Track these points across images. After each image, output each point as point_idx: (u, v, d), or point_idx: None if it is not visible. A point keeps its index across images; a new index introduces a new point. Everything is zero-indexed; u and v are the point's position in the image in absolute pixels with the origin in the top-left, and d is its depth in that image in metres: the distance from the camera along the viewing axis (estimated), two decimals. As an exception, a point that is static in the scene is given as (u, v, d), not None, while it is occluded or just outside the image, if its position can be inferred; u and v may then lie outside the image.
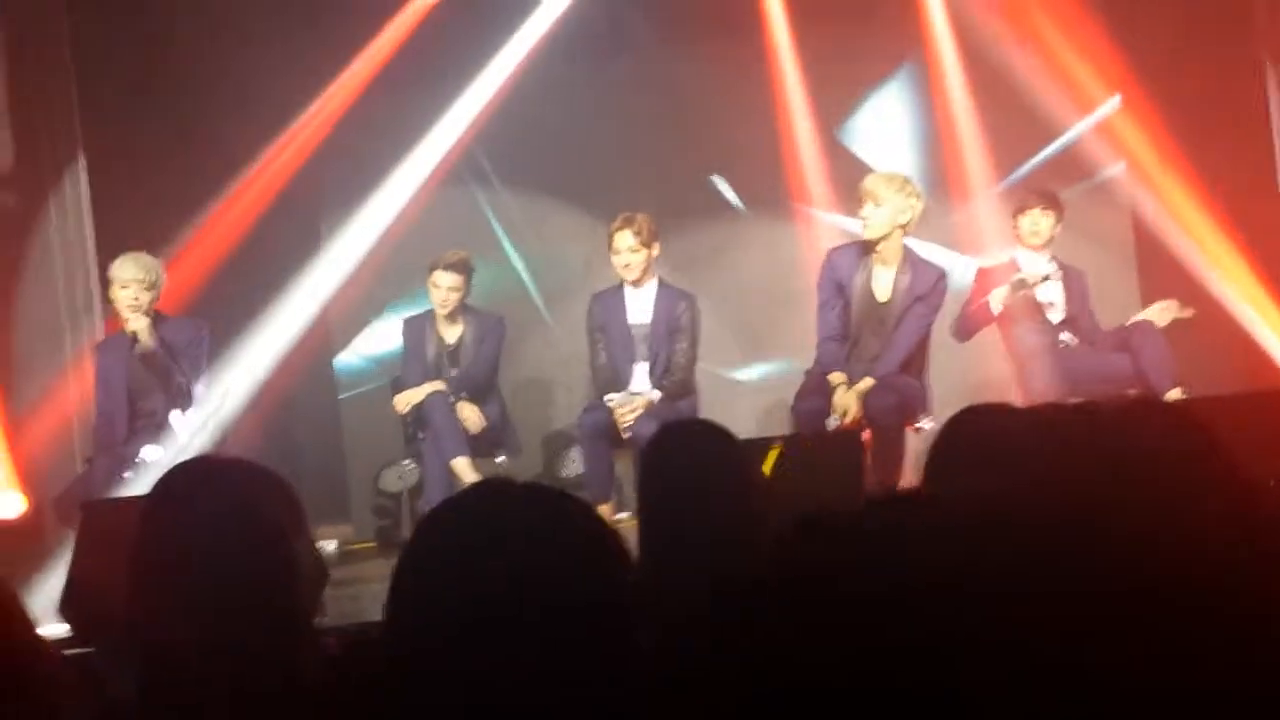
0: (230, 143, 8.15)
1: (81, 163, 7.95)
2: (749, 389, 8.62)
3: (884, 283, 6.88)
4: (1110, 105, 8.00)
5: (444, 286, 7.49)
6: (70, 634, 4.28)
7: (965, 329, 7.11)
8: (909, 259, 6.88)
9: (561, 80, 8.45)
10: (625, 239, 7.17)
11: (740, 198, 8.86)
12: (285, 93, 8.20)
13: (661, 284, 7.33)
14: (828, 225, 8.26)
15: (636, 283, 7.27)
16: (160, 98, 8.08)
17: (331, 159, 8.42)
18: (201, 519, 2.25)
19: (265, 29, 8.17)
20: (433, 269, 7.51)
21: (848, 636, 1.21)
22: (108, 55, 8.02)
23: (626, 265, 7.20)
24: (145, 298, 6.82)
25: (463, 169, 8.80)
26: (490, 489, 1.68)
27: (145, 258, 6.90)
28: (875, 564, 1.24)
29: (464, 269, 7.51)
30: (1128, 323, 7.02)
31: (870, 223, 6.79)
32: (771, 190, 8.57)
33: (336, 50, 8.30)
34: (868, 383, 6.66)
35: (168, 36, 8.19)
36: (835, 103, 8.62)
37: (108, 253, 7.34)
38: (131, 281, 6.80)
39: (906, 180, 6.86)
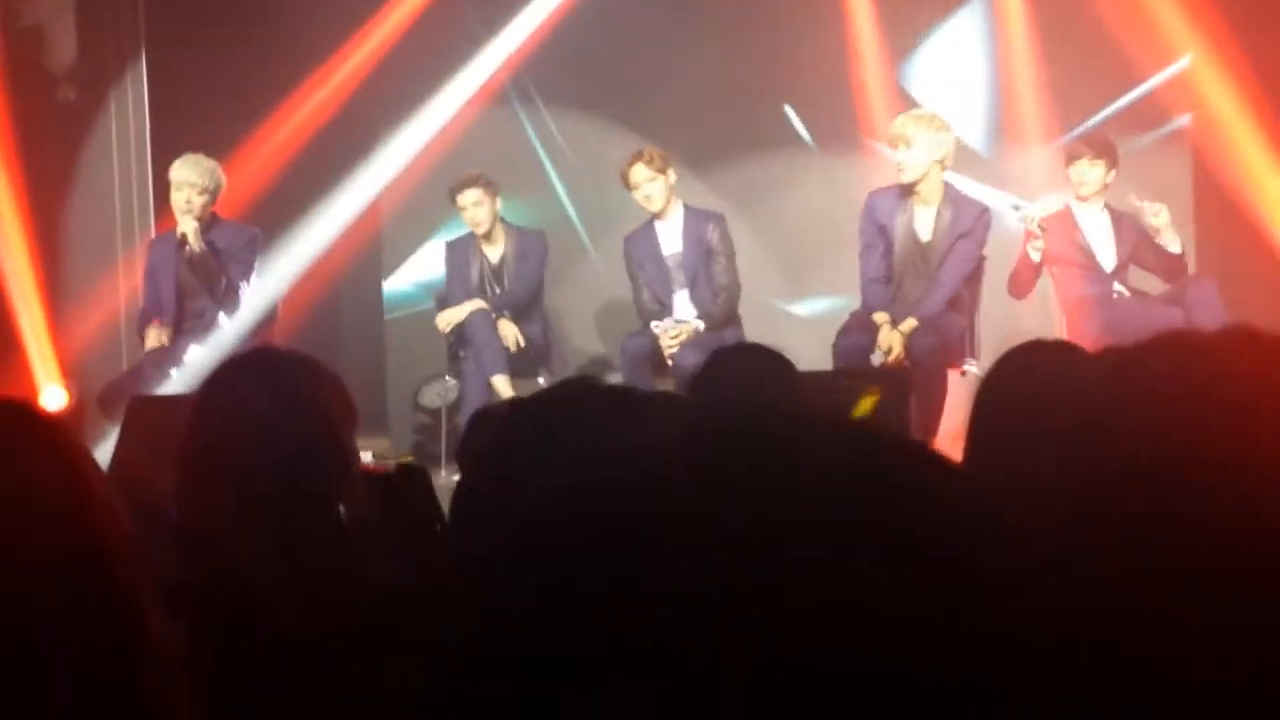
0: (295, 48, 8.13)
1: (143, 61, 7.96)
2: (797, 322, 8.57)
3: (926, 222, 6.85)
4: (1180, 64, 7.87)
5: (469, 205, 7.51)
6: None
7: (1018, 284, 7.06)
8: (949, 196, 6.85)
9: (618, 4, 8.37)
10: (640, 172, 7.22)
11: (808, 130, 8.76)
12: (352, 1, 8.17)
13: (687, 209, 7.39)
14: (893, 162, 8.13)
15: (661, 213, 7.31)
16: (226, -1, 8.07)
17: (392, 73, 8.38)
18: (254, 409, 2.25)
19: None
20: (452, 193, 7.54)
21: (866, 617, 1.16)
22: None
23: (648, 197, 7.26)
24: (198, 201, 6.82)
25: (512, 94, 8.75)
26: (576, 388, 1.64)
27: (204, 161, 6.90)
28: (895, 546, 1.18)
29: (480, 182, 7.51)
30: (1164, 242, 6.91)
31: (906, 166, 6.76)
32: (837, 124, 8.47)
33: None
34: (911, 323, 6.63)
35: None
36: (904, 36, 8.49)
37: (165, 151, 7.37)
38: (185, 184, 6.81)
39: (934, 116, 6.84)
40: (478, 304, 7.46)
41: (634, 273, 7.44)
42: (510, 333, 7.41)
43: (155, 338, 6.90)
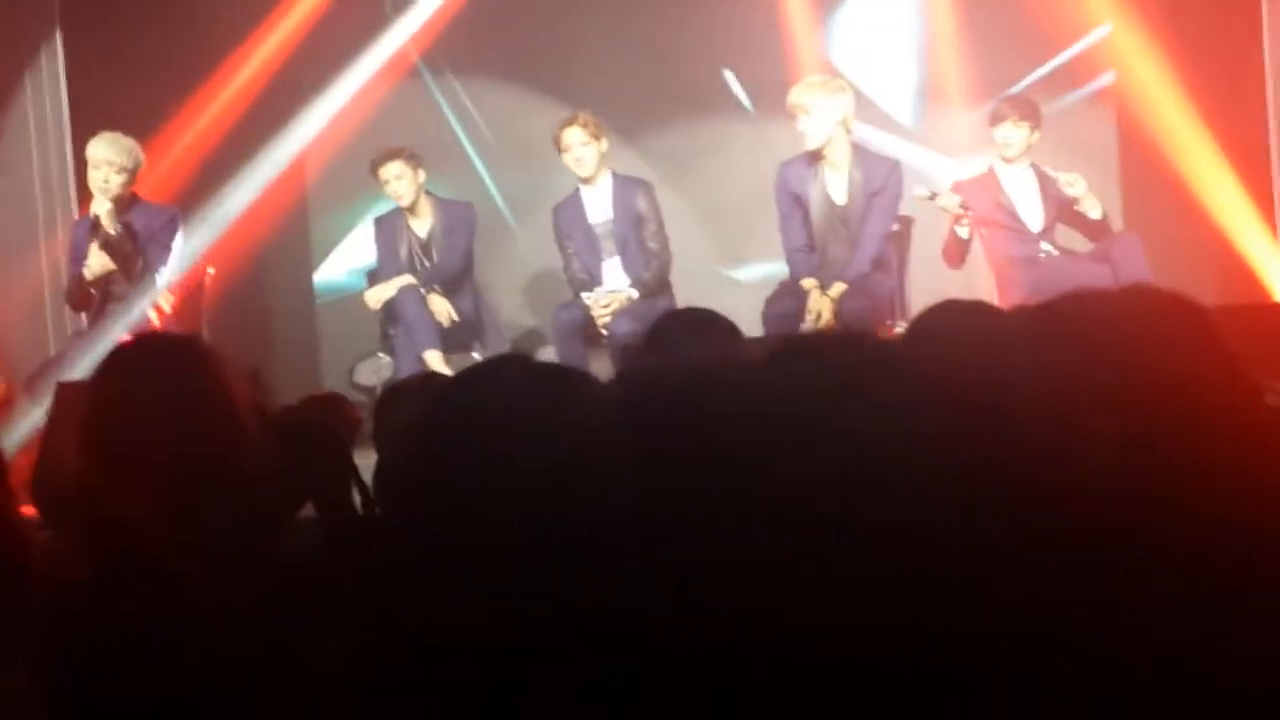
0: (212, 27, 8.04)
1: (58, 39, 7.83)
2: (730, 289, 8.54)
3: (838, 185, 6.89)
4: (1099, 32, 7.91)
5: (390, 179, 7.46)
6: (38, 516, 4.25)
7: (950, 256, 7.07)
8: (859, 156, 6.90)
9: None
10: (575, 134, 7.18)
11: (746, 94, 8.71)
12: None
13: (615, 176, 7.36)
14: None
15: (590, 179, 7.28)
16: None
17: (311, 53, 8.28)
18: (147, 392, 2.24)
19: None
20: (374, 167, 7.48)
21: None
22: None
23: (579, 160, 7.22)
24: (116, 180, 6.73)
25: (425, 70, 8.67)
26: (500, 365, 1.60)
27: (122, 140, 6.81)
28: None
29: (402, 155, 7.47)
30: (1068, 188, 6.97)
31: (809, 134, 6.80)
32: (767, 87, 8.44)
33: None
34: (839, 287, 6.70)
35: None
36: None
37: (84, 132, 7.25)
38: (103, 163, 6.72)
39: (827, 79, 6.91)
40: (406, 279, 7.43)
41: (562, 243, 7.41)
42: (442, 307, 7.38)
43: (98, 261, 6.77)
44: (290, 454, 2.48)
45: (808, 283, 6.75)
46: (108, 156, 6.72)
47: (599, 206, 7.35)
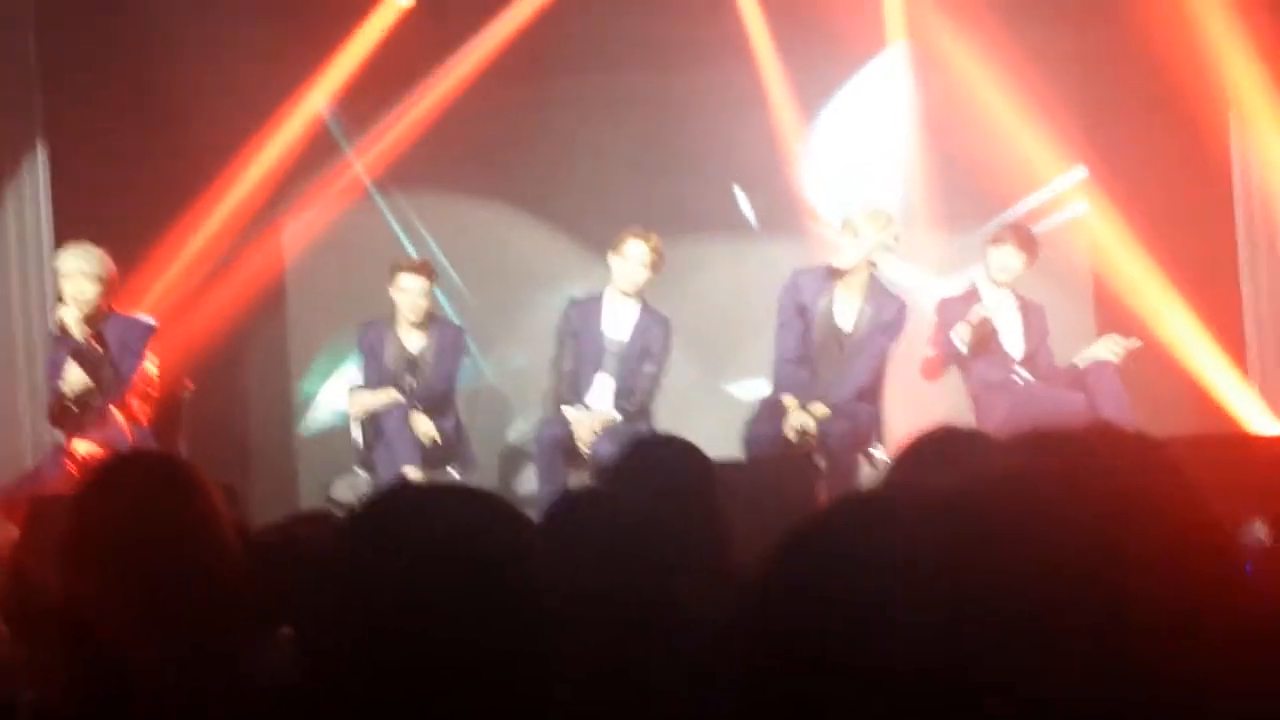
0: (199, 137, 8.04)
1: (40, 151, 7.81)
2: (712, 405, 8.54)
3: (847, 310, 6.90)
4: (1075, 175, 8.04)
5: (413, 290, 7.42)
6: (9, 634, 4.19)
7: (933, 369, 7.10)
8: (873, 288, 6.91)
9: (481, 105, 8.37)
10: (641, 252, 7.15)
11: (724, 215, 8.77)
12: (258, 85, 8.09)
13: (645, 305, 7.33)
14: (797, 247, 8.17)
15: (627, 295, 7.24)
16: (126, 86, 7.96)
17: (301, 165, 8.35)
18: (131, 509, 2.24)
19: (235, 21, 8.08)
20: (395, 271, 7.44)
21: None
22: (72, 40, 7.85)
23: (630, 275, 7.18)
24: (91, 290, 6.62)
25: (377, 195, 8.72)
26: (390, 494, 1.65)
27: (92, 249, 6.69)
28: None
29: (428, 272, 7.49)
30: (1078, 360, 7.01)
31: (845, 253, 6.82)
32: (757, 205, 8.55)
33: (312, 43, 8.19)
34: (823, 409, 6.65)
35: (134, 22, 8.04)
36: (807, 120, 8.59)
37: (66, 244, 7.24)
38: (75, 273, 6.63)
39: (890, 219, 6.90)
40: (393, 394, 7.37)
41: (564, 338, 7.35)
42: (425, 427, 7.32)
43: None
44: (271, 573, 2.47)
45: (789, 402, 6.74)
46: (80, 266, 6.64)
47: (618, 324, 7.30)
